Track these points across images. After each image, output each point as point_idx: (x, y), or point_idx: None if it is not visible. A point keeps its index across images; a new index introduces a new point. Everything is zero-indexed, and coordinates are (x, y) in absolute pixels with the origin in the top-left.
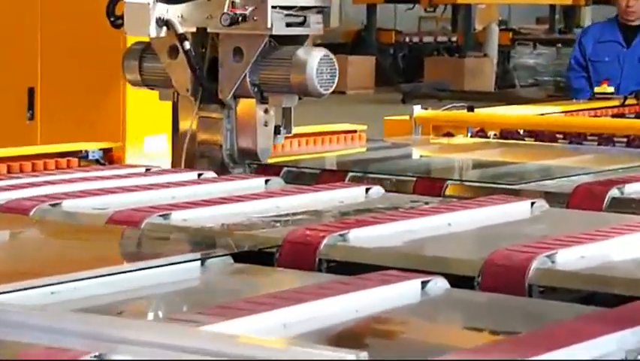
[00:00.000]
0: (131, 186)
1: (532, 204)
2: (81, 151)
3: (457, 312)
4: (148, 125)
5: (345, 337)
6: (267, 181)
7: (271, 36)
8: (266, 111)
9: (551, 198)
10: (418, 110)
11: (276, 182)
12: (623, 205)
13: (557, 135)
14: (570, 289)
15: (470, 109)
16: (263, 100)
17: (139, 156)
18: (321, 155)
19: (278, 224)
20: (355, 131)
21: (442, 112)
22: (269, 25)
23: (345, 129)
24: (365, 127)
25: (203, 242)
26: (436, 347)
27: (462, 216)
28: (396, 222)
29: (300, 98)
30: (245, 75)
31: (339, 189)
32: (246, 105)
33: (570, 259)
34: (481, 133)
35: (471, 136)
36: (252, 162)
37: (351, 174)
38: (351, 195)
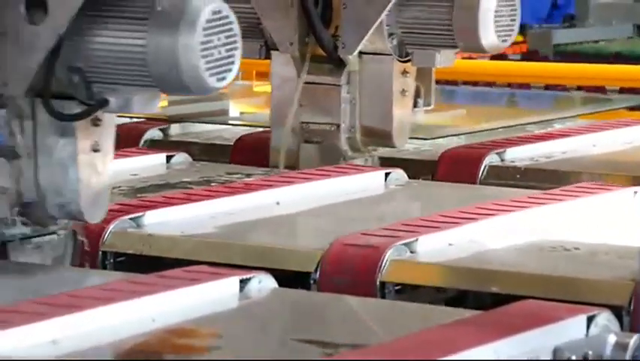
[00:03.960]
0: None
1: (387, 175)
2: None
3: (287, 319)
4: None
5: (136, 355)
6: None
7: None
8: (404, 73)
9: (411, 166)
10: None
11: None
12: (504, 176)
13: None
14: (434, 288)
15: None
16: (403, 58)
17: None
18: None
19: None
20: None
21: None
22: None
23: None
24: None
25: None
26: None
27: (295, 192)
28: (208, 202)
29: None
30: (381, 21)
31: (130, 157)
32: (377, 66)
33: (434, 247)
34: None
35: None
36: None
37: (146, 136)
38: (147, 164)
